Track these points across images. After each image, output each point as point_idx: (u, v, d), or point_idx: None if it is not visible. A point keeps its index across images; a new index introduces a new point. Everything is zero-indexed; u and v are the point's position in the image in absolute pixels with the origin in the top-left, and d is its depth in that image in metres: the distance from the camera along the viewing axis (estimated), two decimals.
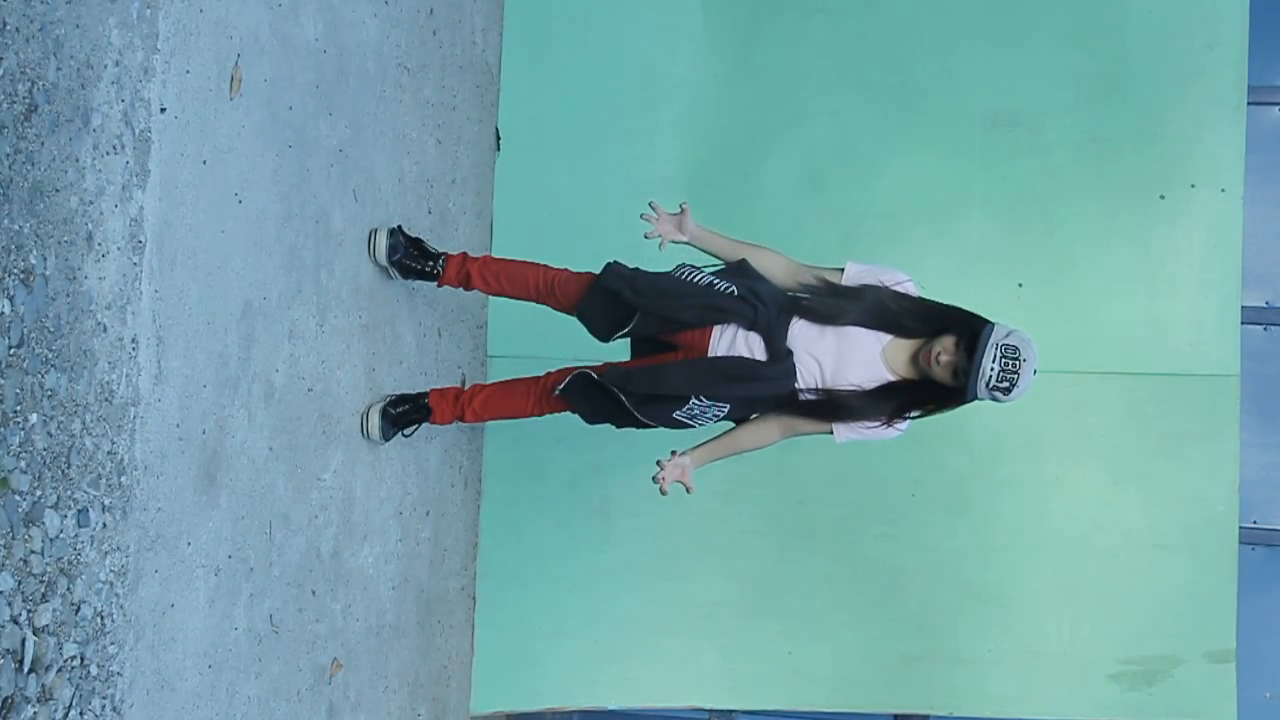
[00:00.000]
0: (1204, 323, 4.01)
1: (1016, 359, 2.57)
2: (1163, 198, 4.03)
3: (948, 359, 2.65)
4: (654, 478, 2.76)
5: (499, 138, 4.11)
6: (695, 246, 2.84)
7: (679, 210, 2.81)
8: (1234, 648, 3.97)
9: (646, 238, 2.80)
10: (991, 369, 2.56)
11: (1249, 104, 4.01)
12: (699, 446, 2.82)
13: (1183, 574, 3.99)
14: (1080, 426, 4.00)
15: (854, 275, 2.78)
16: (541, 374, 3.00)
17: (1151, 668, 4.00)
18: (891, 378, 2.74)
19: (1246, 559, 4.03)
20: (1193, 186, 4.02)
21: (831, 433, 2.79)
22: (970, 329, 2.66)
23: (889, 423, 2.74)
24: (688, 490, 2.79)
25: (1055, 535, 4.02)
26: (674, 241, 2.81)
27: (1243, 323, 4.02)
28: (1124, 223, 4.03)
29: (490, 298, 4.00)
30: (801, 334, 2.74)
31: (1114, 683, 4.01)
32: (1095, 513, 4.02)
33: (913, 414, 2.76)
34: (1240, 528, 4.00)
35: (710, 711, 4.14)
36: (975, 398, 2.63)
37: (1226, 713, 3.97)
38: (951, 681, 4.04)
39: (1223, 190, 4.01)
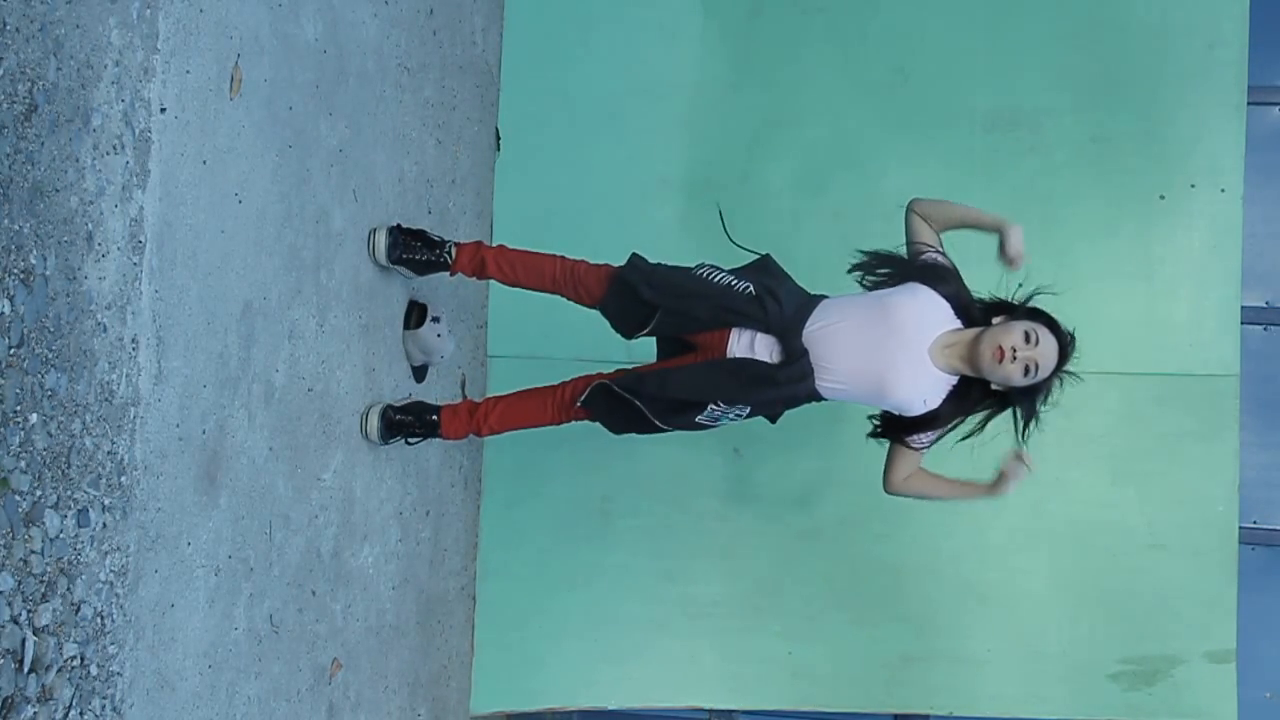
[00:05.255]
0: (1204, 323, 4.00)
1: None
2: (1163, 198, 4.02)
3: (1027, 354, 2.51)
4: (1014, 474, 2.70)
5: (499, 138, 4.11)
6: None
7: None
8: (1234, 648, 3.96)
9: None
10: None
11: (1249, 104, 4.00)
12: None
13: (1183, 574, 3.98)
14: (1080, 426, 3.99)
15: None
16: (555, 384, 2.94)
17: (1151, 668, 3.99)
18: (947, 376, 2.68)
19: (1246, 559, 4.02)
20: (1193, 186, 4.01)
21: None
22: (1039, 319, 2.55)
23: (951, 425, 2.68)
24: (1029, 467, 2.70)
25: (1055, 535, 4.01)
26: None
27: (1243, 323, 4.01)
28: (1124, 223, 4.03)
29: (490, 298, 4.00)
30: (824, 339, 2.68)
31: (1114, 683, 4.00)
32: (1095, 513, 4.01)
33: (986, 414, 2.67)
34: (1240, 528, 3.99)
35: (710, 711, 4.14)
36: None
37: (1226, 713, 3.97)
38: (951, 681, 4.03)
39: (1223, 190, 4.00)
